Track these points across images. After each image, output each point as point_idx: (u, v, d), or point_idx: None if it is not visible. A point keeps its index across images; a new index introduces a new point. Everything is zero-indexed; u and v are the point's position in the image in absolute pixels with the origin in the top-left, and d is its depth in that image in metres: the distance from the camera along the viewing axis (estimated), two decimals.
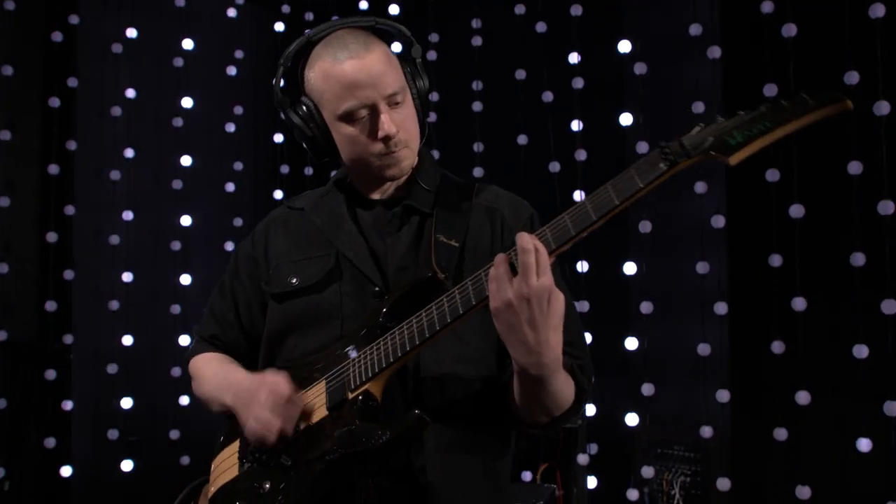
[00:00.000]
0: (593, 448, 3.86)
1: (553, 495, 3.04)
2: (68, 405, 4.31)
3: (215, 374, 1.76)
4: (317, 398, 1.55)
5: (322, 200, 1.77)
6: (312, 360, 1.62)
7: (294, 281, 1.66)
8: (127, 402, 4.31)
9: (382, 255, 1.65)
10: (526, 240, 1.31)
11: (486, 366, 1.59)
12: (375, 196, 1.72)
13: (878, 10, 2.92)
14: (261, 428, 1.51)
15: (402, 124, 1.61)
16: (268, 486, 1.52)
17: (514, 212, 1.70)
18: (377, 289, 1.61)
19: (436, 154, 3.99)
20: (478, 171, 4.09)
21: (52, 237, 4.26)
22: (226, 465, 1.65)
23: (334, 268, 1.65)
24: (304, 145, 1.69)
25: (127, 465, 4.24)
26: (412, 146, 1.66)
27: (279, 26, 4.69)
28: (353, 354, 1.53)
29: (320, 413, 1.52)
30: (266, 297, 1.74)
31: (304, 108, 1.65)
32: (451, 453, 1.55)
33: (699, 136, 1.28)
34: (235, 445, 1.65)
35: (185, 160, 4.45)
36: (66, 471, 4.30)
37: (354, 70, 1.58)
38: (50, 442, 4.23)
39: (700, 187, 3.54)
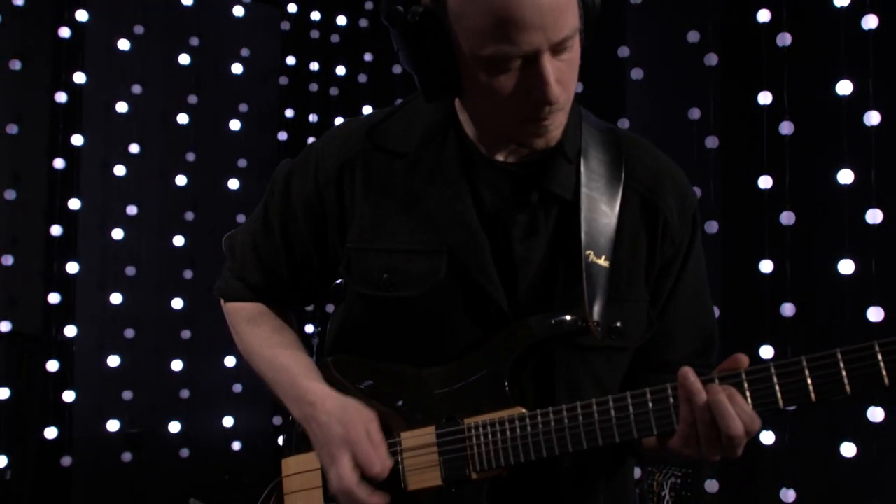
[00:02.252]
0: None
1: None
2: (70, 396, 4.38)
3: (270, 358, 1.41)
4: (423, 452, 1.25)
5: (428, 151, 1.28)
6: (406, 375, 1.30)
7: (386, 278, 1.27)
8: (128, 395, 4.38)
9: (511, 264, 1.25)
10: (735, 427, 1.07)
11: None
12: (501, 157, 1.27)
13: (871, 22, 2.95)
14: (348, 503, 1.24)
15: (564, 79, 1.15)
16: None
17: (681, 214, 1.30)
18: (502, 310, 1.25)
19: None
20: None
21: (56, 230, 4.32)
22: (305, 483, 1.37)
23: (445, 279, 1.25)
24: (416, 77, 1.21)
25: (127, 457, 4.31)
26: (568, 106, 1.21)
27: (285, 25, 4.74)
28: (465, 405, 1.23)
29: (431, 478, 1.25)
30: (341, 271, 1.35)
31: (429, 25, 1.13)
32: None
33: None
34: (315, 464, 1.34)
35: (190, 156, 4.50)
36: (66, 461, 4.37)
37: (517, 1, 1.08)
38: (51, 432, 4.30)
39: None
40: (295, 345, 1.44)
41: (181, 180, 4.47)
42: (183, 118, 4.49)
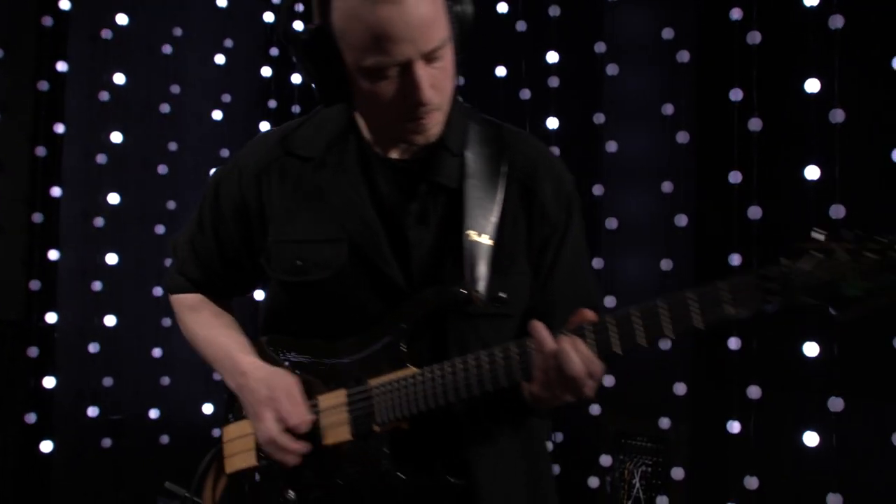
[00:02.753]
0: (558, 436, 3.99)
1: None
2: (50, 382, 4.41)
3: (209, 338, 1.63)
4: (337, 412, 1.45)
5: (332, 154, 1.48)
6: (324, 346, 1.49)
7: (299, 265, 1.46)
8: (108, 381, 4.42)
9: (405, 248, 1.44)
10: (576, 368, 1.24)
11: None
12: (394, 154, 1.47)
13: (837, 21, 3.02)
14: (274, 452, 1.46)
15: (438, 83, 1.34)
16: (292, 495, 1.46)
17: (556, 198, 1.49)
18: (399, 287, 1.44)
19: None
20: None
21: (37, 217, 4.35)
22: (241, 446, 1.57)
23: (347, 263, 1.45)
24: (314, 87, 1.41)
25: (107, 443, 4.35)
26: (445, 108, 1.40)
27: (268, 16, 4.78)
28: (372, 369, 1.42)
29: (343, 433, 1.45)
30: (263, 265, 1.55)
31: (318, 42, 1.32)
32: (497, 466, 1.47)
33: (813, 272, 1.12)
34: (249, 429, 1.55)
35: (172, 146, 4.54)
36: (46, 446, 4.41)
37: (389, 18, 1.25)
38: (30, 417, 4.33)
39: (667, 186, 3.65)
40: (232, 326, 1.66)
41: (163, 169, 4.50)
42: (165, 108, 4.51)
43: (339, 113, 1.51)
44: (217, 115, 4.64)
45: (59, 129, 4.42)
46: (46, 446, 4.41)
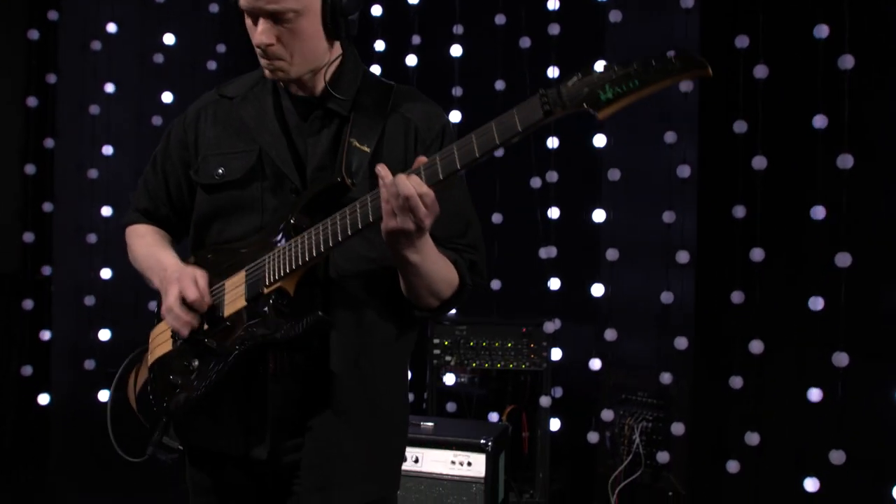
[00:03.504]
0: (558, 391, 3.94)
1: (507, 434, 3.12)
2: (46, 335, 4.39)
3: (147, 253, 1.90)
4: (237, 288, 1.72)
5: (252, 92, 1.85)
6: (236, 246, 1.77)
7: (220, 172, 1.78)
8: (105, 334, 4.39)
9: (303, 155, 1.76)
10: (408, 188, 1.49)
11: (390, 262, 1.72)
12: (298, 92, 1.80)
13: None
14: (172, 322, 1.71)
15: (283, 40, 1.68)
16: (196, 363, 1.71)
17: (427, 123, 1.80)
18: (294, 186, 1.74)
19: None
20: (455, 115, 4.10)
21: (30, 169, 4.29)
22: (161, 339, 1.82)
23: (256, 165, 1.77)
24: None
25: (104, 396, 4.33)
26: (291, 61, 1.71)
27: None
28: (270, 250, 1.68)
29: (240, 302, 1.70)
30: (194, 183, 1.86)
31: None
32: (358, 341, 1.72)
33: (576, 86, 1.40)
34: (167, 325, 1.81)
35: (167, 97, 4.45)
36: (43, 399, 4.40)
37: None
38: (27, 370, 4.32)
39: (670, 137, 3.55)
40: (169, 247, 1.92)
41: (157, 121, 4.42)
42: (158, 58, 4.42)
43: None
44: (212, 65, 4.53)
45: (52, 79, 4.33)
46: (44, 399, 4.40)
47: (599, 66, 1.41)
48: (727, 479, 3.48)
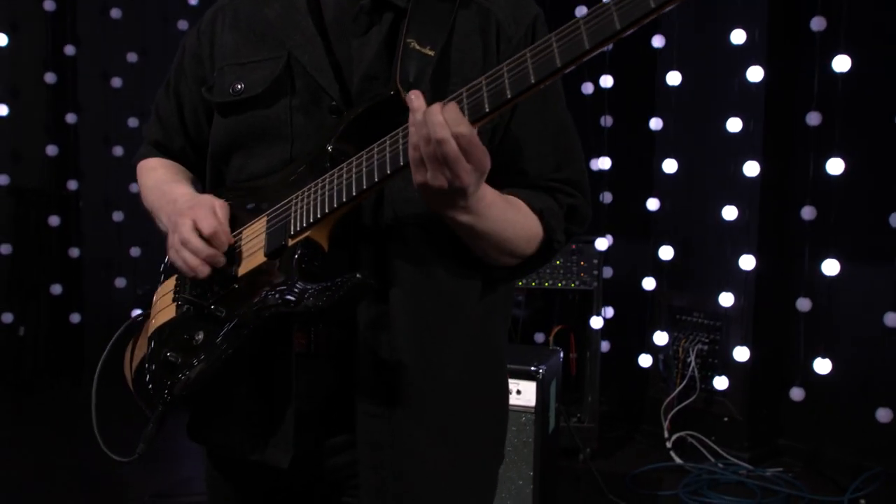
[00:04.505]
0: (609, 312, 3.74)
1: (559, 361, 2.92)
2: (75, 252, 4.27)
3: (155, 186, 1.51)
4: (256, 238, 1.32)
5: None
6: (259, 185, 1.37)
7: (238, 87, 1.38)
8: (136, 251, 4.25)
9: (346, 62, 1.34)
10: (440, 127, 1.07)
11: None
12: None
13: None
14: (185, 260, 1.30)
15: None
16: (200, 336, 1.32)
17: (514, 13, 1.36)
18: (334, 104, 1.32)
19: None
20: None
21: (50, 78, 4.10)
22: (164, 302, 1.44)
23: (283, 75, 1.35)
24: None
25: (137, 313, 4.21)
26: None
27: None
28: (298, 189, 1.29)
29: (258, 258, 1.30)
30: (210, 104, 1.47)
31: None
32: (421, 309, 1.30)
33: None
34: (171, 285, 1.43)
35: None
36: (75, 318, 4.31)
37: None
38: (56, 289, 4.21)
39: (738, 36, 3.22)
40: (182, 176, 1.54)
41: (183, 25, 4.17)
42: None
43: None
44: None
45: None
46: (75, 318, 4.31)
47: None
48: (789, 406, 3.27)
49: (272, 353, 1.30)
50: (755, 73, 3.19)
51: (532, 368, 2.64)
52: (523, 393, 2.64)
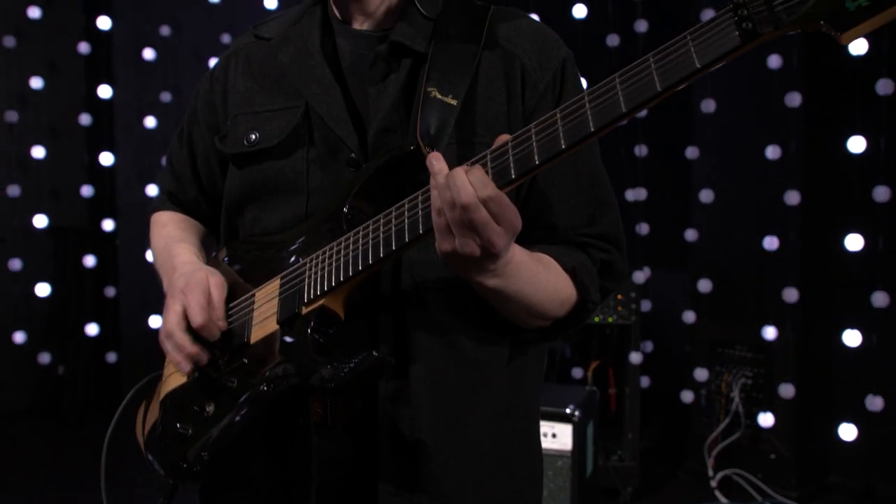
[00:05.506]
0: (648, 346, 3.64)
1: (596, 400, 2.83)
2: (111, 291, 4.28)
3: (164, 246, 1.45)
4: (268, 302, 1.24)
5: (294, 29, 1.37)
6: (273, 241, 1.30)
7: (253, 138, 1.31)
8: None
9: (364, 110, 1.27)
10: (466, 193, 0.99)
11: None
12: (358, 24, 1.32)
13: None
14: (169, 351, 1.24)
15: None
16: (211, 409, 1.25)
17: (539, 56, 1.27)
18: (353, 156, 1.24)
19: None
20: None
21: (85, 119, 4.16)
22: (174, 367, 1.37)
23: (301, 125, 1.29)
24: None
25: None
26: None
27: None
28: (313, 251, 1.21)
29: (270, 324, 1.22)
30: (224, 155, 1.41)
31: None
32: (444, 381, 1.21)
33: None
34: None
35: (225, 38, 4.21)
36: (111, 357, 4.32)
37: None
38: (92, 329, 4.23)
39: (774, 61, 3.14)
40: (192, 238, 1.48)
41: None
42: None
43: None
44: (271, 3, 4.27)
45: (106, 24, 4.15)
46: (111, 357, 4.33)
47: None
48: (838, 443, 3.14)
49: (288, 424, 1.22)
50: (793, 99, 3.10)
51: (567, 411, 2.56)
52: (559, 436, 2.56)
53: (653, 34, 3.53)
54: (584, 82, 1.30)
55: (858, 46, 2.91)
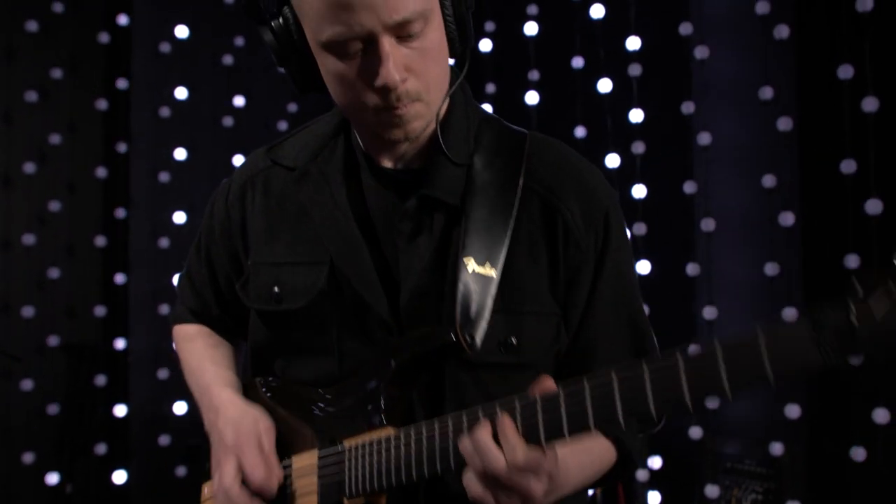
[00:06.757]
0: (656, 462, 3.61)
1: None
2: (122, 410, 4.31)
3: (197, 367, 1.42)
4: (307, 478, 1.22)
5: (316, 164, 1.28)
6: (307, 394, 1.26)
7: (276, 292, 1.26)
8: (181, 407, 4.28)
9: (394, 266, 1.20)
10: (495, 460, 0.97)
11: None
12: (386, 162, 1.24)
13: None
14: None
15: (415, 67, 1.10)
16: None
17: (583, 211, 1.21)
18: (383, 319, 1.20)
19: None
20: None
21: (100, 241, 4.26)
22: None
23: (326, 286, 1.22)
24: (285, 70, 1.22)
25: (181, 471, 4.20)
26: (429, 98, 1.14)
27: None
28: (350, 432, 1.18)
29: (312, 502, 1.21)
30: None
31: (282, 20, 1.15)
32: None
33: (881, 309, 0.76)
34: None
35: (237, 159, 4.36)
36: (120, 476, 4.30)
37: None
38: (101, 448, 4.23)
39: (768, 181, 3.23)
40: (223, 359, 1.44)
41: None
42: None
43: (333, 115, 1.33)
44: (282, 125, 4.43)
45: (122, 148, 4.31)
46: (120, 476, 4.31)
47: None
48: None
49: None
50: (786, 218, 3.18)
51: None
52: None
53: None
54: (627, 232, 1.28)
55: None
